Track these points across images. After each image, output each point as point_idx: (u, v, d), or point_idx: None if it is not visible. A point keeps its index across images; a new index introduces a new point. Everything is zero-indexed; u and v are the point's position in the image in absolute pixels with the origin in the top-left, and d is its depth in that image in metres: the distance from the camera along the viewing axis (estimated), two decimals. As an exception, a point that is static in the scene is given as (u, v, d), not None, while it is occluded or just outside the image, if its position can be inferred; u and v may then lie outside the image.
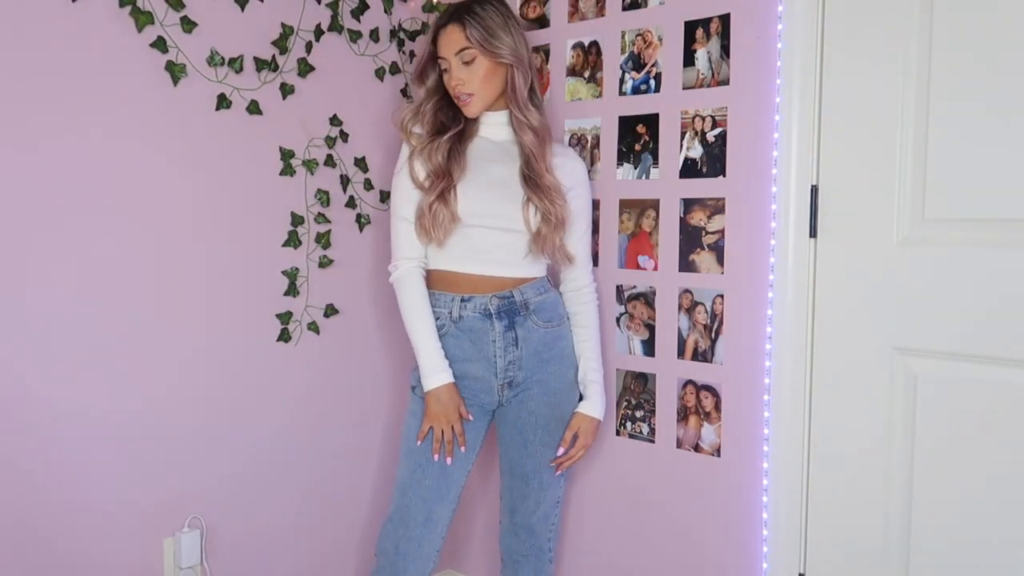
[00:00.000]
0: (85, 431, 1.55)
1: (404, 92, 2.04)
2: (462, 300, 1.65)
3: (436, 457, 1.63)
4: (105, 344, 1.56)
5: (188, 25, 1.61)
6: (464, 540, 2.25)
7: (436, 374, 1.62)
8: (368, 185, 1.99)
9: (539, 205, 1.65)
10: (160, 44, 1.58)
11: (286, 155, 1.81)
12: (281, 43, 1.78)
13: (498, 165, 1.69)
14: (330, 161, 1.90)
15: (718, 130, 1.71)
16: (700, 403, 1.78)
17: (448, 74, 1.65)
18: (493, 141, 1.73)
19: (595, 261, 1.91)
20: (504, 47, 1.63)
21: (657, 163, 1.81)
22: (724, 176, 1.71)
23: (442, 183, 1.62)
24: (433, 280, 1.71)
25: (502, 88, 1.68)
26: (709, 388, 1.76)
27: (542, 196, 1.65)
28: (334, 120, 1.90)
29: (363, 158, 1.96)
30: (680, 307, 1.79)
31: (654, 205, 1.82)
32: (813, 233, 1.62)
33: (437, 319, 1.67)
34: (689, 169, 1.76)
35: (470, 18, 1.61)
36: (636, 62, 1.83)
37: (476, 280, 1.67)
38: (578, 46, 1.92)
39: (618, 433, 1.92)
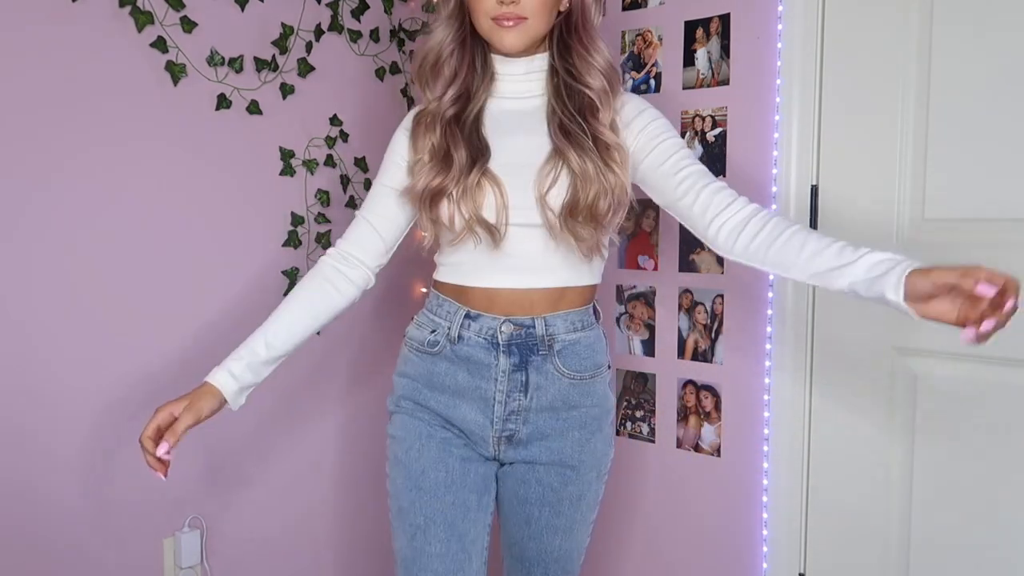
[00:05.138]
0: (85, 431, 1.55)
1: (404, 92, 2.04)
2: (467, 317, 1.24)
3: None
4: (104, 344, 1.56)
5: (188, 25, 1.61)
6: None
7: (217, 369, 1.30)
8: (368, 185, 1.99)
9: (581, 165, 1.17)
10: (160, 44, 1.57)
11: (286, 155, 1.81)
12: (281, 43, 1.78)
13: (519, 136, 1.24)
14: (330, 161, 1.90)
15: (718, 130, 1.71)
16: (700, 403, 1.78)
17: None
18: (517, 101, 1.27)
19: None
20: None
21: (657, 163, 1.80)
22: (724, 176, 1.71)
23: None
24: (441, 281, 1.30)
25: (547, 28, 1.21)
26: (709, 388, 1.76)
27: (594, 156, 1.18)
28: (334, 120, 1.90)
29: (363, 158, 1.96)
30: (680, 307, 1.79)
31: (654, 205, 1.81)
32: (813, 233, 1.62)
33: (433, 332, 1.27)
34: (689, 169, 1.76)
35: None
36: (636, 62, 1.83)
37: (492, 293, 1.24)
38: (578, 46, 1.91)
39: (618, 433, 1.92)
